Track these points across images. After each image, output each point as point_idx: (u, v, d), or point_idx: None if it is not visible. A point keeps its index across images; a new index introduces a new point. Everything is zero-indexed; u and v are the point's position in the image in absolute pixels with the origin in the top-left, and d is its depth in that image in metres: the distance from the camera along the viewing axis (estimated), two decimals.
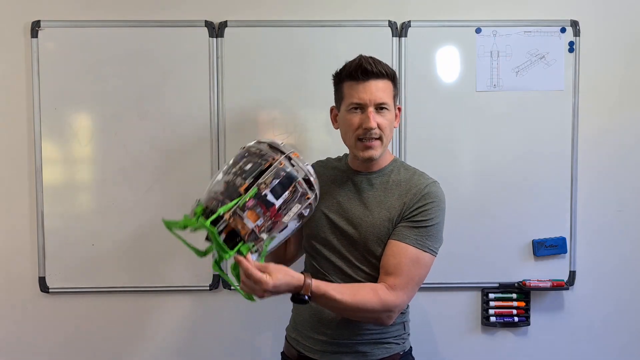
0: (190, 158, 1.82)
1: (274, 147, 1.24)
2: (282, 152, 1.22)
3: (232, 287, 1.17)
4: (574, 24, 1.83)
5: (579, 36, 1.83)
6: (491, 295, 1.87)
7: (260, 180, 1.18)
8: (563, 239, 1.85)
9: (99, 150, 1.82)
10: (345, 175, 1.42)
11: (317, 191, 1.27)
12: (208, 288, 1.85)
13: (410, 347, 1.45)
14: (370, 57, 1.33)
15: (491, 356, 1.90)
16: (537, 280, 1.84)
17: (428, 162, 1.80)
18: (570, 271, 1.87)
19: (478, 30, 1.83)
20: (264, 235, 1.19)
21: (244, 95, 1.82)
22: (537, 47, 1.83)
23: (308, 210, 1.26)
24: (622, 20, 1.86)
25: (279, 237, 1.24)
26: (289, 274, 1.20)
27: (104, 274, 1.83)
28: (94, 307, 1.85)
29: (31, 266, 1.84)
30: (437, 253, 1.33)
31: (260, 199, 1.17)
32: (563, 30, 1.83)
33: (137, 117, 1.81)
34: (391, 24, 1.82)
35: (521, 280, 1.85)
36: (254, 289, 1.16)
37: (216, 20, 1.81)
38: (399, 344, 1.40)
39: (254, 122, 1.83)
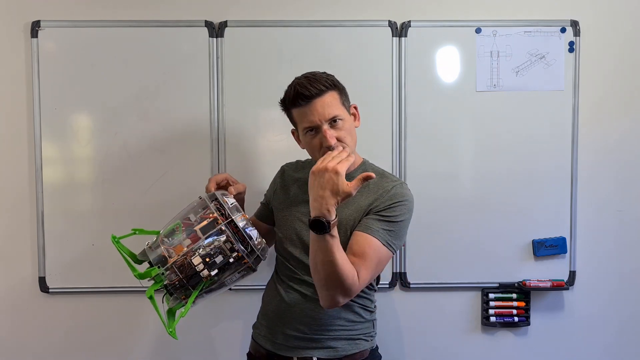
0: (190, 158, 1.82)
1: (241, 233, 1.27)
2: (250, 247, 1.27)
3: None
4: (574, 24, 1.83)
5: (579, 36, 1.83)
6: (491, 295, 1.87)
7: (223, 278, 1.27)
8: (563, 239, 1.85)
9: (99, 150, 1.82)
10: None
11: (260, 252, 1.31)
12: None
13: (377, 345, 1.48)
14: (306, 78, 1.32)
15: (491, 356, 1.90)
16: (537, 280, 1.84)
17: (428, 162, 1.82)
18: (570, 271, 1.87)
19: (478, 30, 1.83)
20: (199, 301, 1.30)
21: (244, 95, 1.82)
22: (537, 47, 1.83)
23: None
24: (622, 20, 1.86)
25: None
26: None
27: (104, 274, 1.83)
28: (94, 307, 1.86)
29: (31, 266, 1.84)
30: (395, 252, 1.34)
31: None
32: (563, 30, 1.83)
33: (137, 117, 1.81)
34: (391, 24, 1.82)
35: (521, 280, 1.85)
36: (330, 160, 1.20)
37: (216, 20, 1.81)
38: (367, 341, 1.43)
39: (254, 122, 1.83)
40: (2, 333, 1.87)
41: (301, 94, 1.30)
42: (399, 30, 1.82)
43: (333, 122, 1.31)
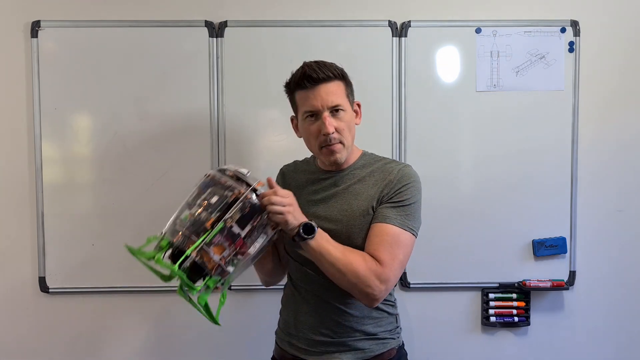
0: (190, 158, 1.82)
1: (239, 179, 1.23)
2: (248, 184, 1.21)
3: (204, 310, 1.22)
4: (574, 24, 1.83)
5: (579, 36, 1.83)
6: (491, 295, 1.87)
7: (226, 216, 1.18)
8: (563, 239, 1.85)
9: (99, 150, 1.82)
10: (317, 177, 1.42)
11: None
12: None
13: (403, 342, 1.46)
14: (315, 63, 1.32)
15: (491, 356, 1.90)
16: (537, 280, 1.84)
17: (428, 162, 1.82)
18: (570, 271, 1.87)
19: (478, 30, 1.83)
20: (230, 268, 1.20)
21: (244, 95, 1.82)
22: (537, 47, 1.83)
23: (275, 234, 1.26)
24: (622, 20, 1.86)
25: (245, 265, 1.25)
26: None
27: (104, 274, 1.83)
28: (94, 307, 1.86)
29: (31, 266, 1.84)
30: (417, 234, 1.33)
31: (227, 232, 1.18)
32: (563, 30, 1.83)
33: (137, 117, 1.81)
34: (391, 24, 1.82)
35: (521, 280, 1.85)
36: (283, 202, 1.20)
37: (216, 20, 1.81)
38: (394, 339, 1.41)
39: (254, 122, 1.83)
40: (2, 333, 1.86)
41: (308, 76, 1.29)
42: (399, 30, 1.82)
43: (335, 111, 1.31)
